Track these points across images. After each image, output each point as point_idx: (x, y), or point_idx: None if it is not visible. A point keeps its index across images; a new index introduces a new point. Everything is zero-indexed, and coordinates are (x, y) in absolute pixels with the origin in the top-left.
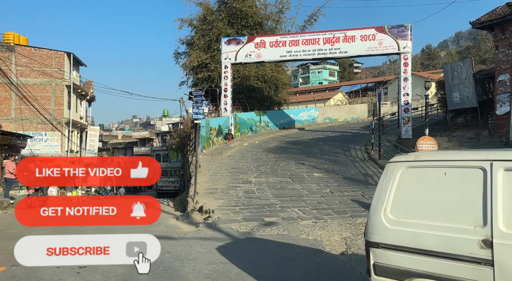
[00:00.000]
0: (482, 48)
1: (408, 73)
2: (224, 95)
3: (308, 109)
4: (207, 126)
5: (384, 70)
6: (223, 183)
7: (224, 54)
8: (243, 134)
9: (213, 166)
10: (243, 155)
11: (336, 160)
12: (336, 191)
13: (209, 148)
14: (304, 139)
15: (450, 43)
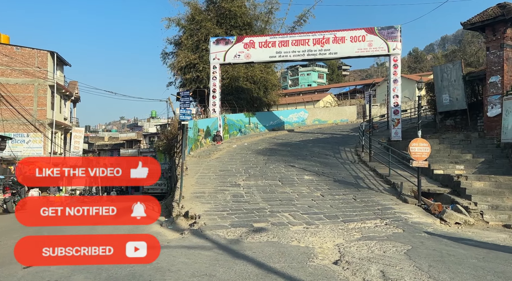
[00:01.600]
0: (467, 52)
1: (397, 75)
2: (213, 96)
3: (297, 111)
4: (195, 128)
5: (371, 73)
6: (210, 186)
7: (212, 54)
8: (232, 136)
9: (201, 169)
10: (232, 157)
11: (327, 162)
12: (327, 194)
13: (197, 149)
14: (293, 141)
15: (436, 47)
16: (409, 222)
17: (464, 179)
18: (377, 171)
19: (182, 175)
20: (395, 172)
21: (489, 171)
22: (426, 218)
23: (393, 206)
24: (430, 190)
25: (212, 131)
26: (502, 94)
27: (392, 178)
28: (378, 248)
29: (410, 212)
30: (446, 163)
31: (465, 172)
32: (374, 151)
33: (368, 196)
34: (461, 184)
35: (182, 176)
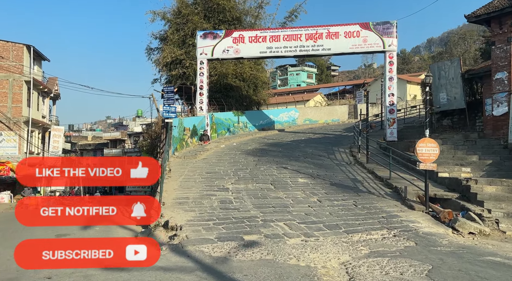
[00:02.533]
0: (454, 53)
1: (393, 72)
2: (200, 93)
3: (288, 110)
4: (180, 126)
5: (359, 74)
6: (195, 191)
7: (199, 49)
8: (220, 135)
9: (186, 171)
10: (220, 157)
11: (321, 164)
12: (325, 199)
13: (182, 150)
14: (285, 141)
15: (422, 49)
16: (419, 233)
17: (474, 183)
18: (376, 173)
19: (163, 178)
20: (396, 175)
21: (498, 174)
22: (436, 227)
23: (398, 213)
24: (436, 195)
25: (199, 131)
26: (509, 91)
27: (393, 181)
28: (393, 268)
29: (418, 220)
30: (451, 165)
31: (472, 175)
32: (371, 152)
33: (369, 201)
34: (471, 189)
35: (162, 180)
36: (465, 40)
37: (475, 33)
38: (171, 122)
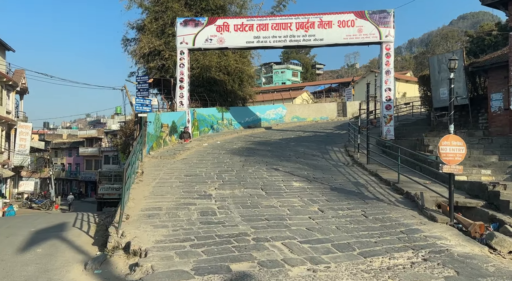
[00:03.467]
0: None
1: (390, 65)
2: (180, 86)
3: (275, 107)
4: (157, 122)
5: (342, 73)
6: (170, 199)
7: (179, 38)
8: (202, 133)
9: (161, 173)
10: (202, 157)
11: (316, 165)
12: (327, 208)
13: (159, 148)
14: (273, 139)
15: (403, 50)
16: (454, 255)
17: (503, 188)
18: (380, 176)
19: (126, 184)
20: (405, 178)
21: None
22: (470, 245)
23: (419, 226)
24: (458, 202)
25: (178, 128)
26: None
27: (403, 186)
28: None
29: (445, 235)
30: (467, 167)
31: (495, 178)
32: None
33: (381, 210)
34: (500, 195)
35: (125, 187)
36: (447, 40)
37: (456, 34)
38: (146, 117)
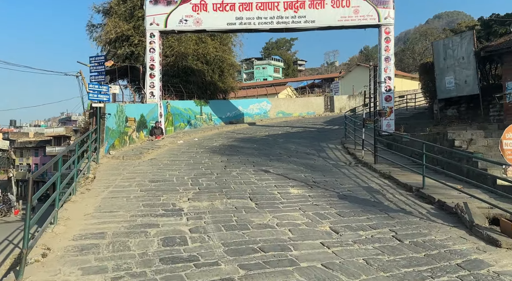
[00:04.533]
0: (416, 50)
1: (390, 51)
2: (151, 74)
3: (259, 101)
4: (120, 115)
5: (322, 71)
6: (122, 218)
7: (149, 18)
8: (178, 129)
9: (119, 178)
10: (175, 157)
11: (313, 165)
12: (343, 227)
13: (122, 147)
14: (259, 136)
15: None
16: None
17: None
18: (396, 179)
19: (29, 199)
20: (430, 180)
21: None
22: None
23: (478, 254)
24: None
25: (149, 123)
26: None
27: (431, 192)
28: None
29: None
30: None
31: None
32: (371, 149)
33: (416, 229)
34: None
35: (28, 211)
36: (426, 37)
37: (435, 31)
38: (103, 108)
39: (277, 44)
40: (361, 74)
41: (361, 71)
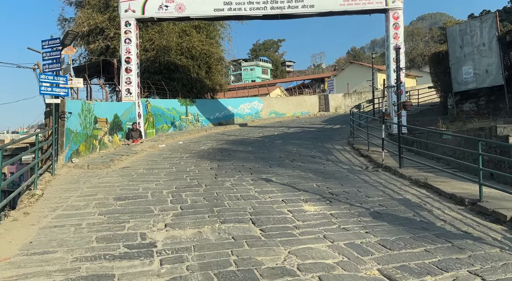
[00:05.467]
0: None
1: (400, 38)
2: (126, 69)
3: (250, 100)
4: (86, 115)
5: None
6: (58, 264)
7: (123, 4)
8: (160, 131)
9: (75, 195)
10: (154, 165)
11: (324, 171)
12: (400, 270)
13: (91, 153)
14: (253, 137)
15: (367, 50)
16: None
17: None
18: (436, 188)
19: None
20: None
21: None
22: None
23: None
24: None
25: (125, 124)
26: None
27: (493, 205)
28: None
29: None
30: None
31: None
32: (390, 150)
33: (508, 270)
34: None
35: None
36: (413, 37)
37: (421, 31)
38: (62, 106)
39: (264, 45)
40: (355, 71)
41: (355, 69)
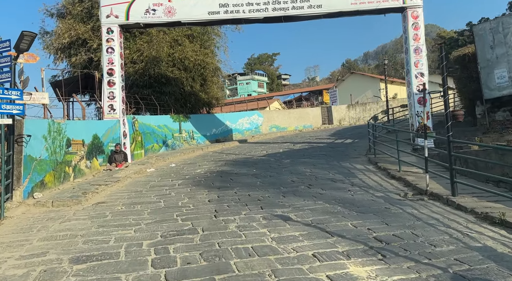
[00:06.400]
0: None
1: (420, 40)
2: (109, 82)
3: (249, 114)
4: (56, 138)
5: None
6: None
7: (105, 9)
8: (150, 151)
9: (16, 255)
10: (137, 198)
11: (354, 201)
12: None
13: (61, 183)
14: (256, 156)
15: (360, 62)
16: None
17: None
18: None
19: None
20: None
21: None
22: None
23: None
24: None
25: (106, 146)
26: None
27: None
28: None
29: None
30: None
31: None
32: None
33: None
34: None
35: None
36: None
37: None
38: (19, 127)
39: (259, 59)
40: (356, 82)
41: (356, 79)
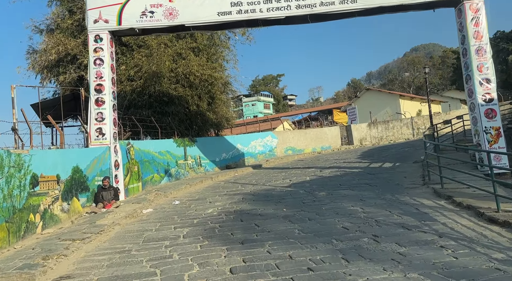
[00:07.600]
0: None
1: (483, 38)
2: (97, 101)
3: (262, 136)
4: (12, 175)
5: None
6: None
7: (92, 13)
8: (149, 183)
9: None
10: (120, 265)
11: (463, 270)
12: None
13: (21, 239)
14: (279, 187)
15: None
16: None
17: None
18: None
19: None
20: None
21: None
22: None
23: None
24: None
25: (92, 181)
26: None
27: None
28: None
29: None
30: None
31: None
32: None
33: None
34: None
35: None
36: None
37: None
38: None
39: (264, 81)
40: (373, 99)
41: (372, 96)
